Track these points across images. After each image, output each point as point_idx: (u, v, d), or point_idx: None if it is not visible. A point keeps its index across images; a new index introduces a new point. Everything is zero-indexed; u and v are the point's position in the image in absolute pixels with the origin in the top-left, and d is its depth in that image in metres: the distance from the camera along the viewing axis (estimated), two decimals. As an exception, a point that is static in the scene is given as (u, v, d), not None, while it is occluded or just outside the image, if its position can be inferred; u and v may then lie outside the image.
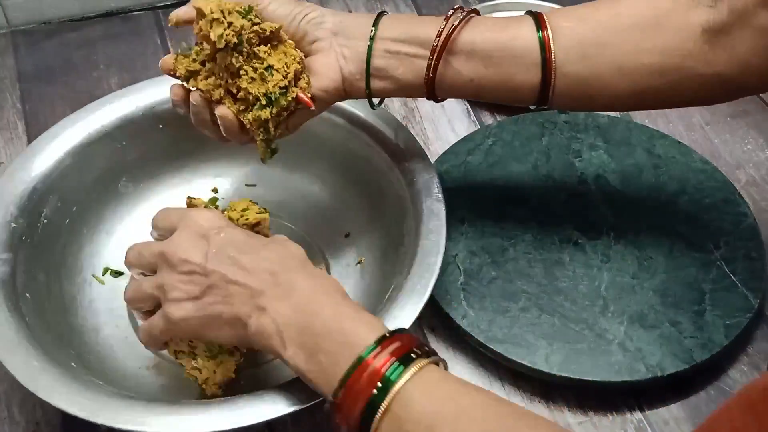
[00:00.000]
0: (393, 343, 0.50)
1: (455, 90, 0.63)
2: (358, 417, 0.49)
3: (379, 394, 0.48)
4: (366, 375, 0.49)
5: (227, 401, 0.57)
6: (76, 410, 0.55)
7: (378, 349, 0.50)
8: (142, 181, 0.75)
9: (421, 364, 0.49)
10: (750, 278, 0.70)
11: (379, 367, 0.49)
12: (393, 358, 0.49)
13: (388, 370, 0.49)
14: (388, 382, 0.48)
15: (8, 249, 0.64)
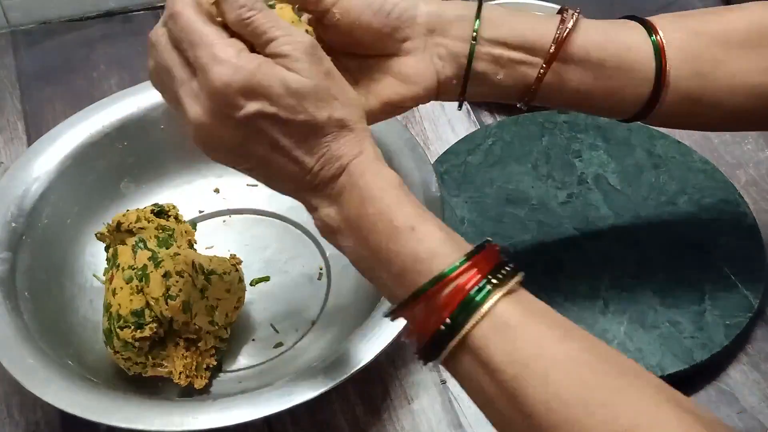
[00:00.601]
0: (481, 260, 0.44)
1: (555, 99, 0.58)
2: (429, 336, 0.44)
3: (459, 316, 0.43)
4: (447, 292, 0.43)
5: (227, 399, 0.57)
6: (71, 407, 0.55)
7: (467, 265, 0.44)
8: (144, 181, 0.75)
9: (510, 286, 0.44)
10: (750, 278, 0.70)
11: (463, 284, 0.43)
12: (479, 275, 0.44)
13: (473, 289, 0.43)
14: (472, 304, 0.43)
15: (8, 248, 0.65)
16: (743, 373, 0.68)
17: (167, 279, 0.61)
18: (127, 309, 0.60)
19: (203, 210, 0.76)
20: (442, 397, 0.67)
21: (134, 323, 0.60)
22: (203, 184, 0.77)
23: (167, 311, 0.60)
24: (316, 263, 0.73)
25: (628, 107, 0.59)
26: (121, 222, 0.64)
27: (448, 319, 0.43)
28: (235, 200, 0.77)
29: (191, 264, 0.63)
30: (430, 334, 0.44)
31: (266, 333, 0.69)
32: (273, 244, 0.74)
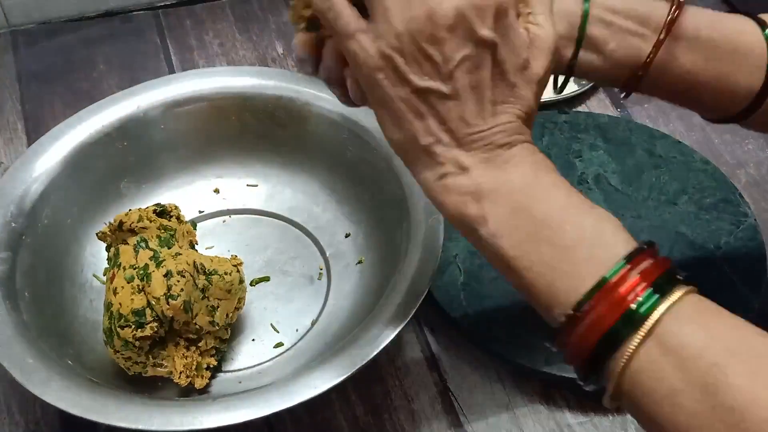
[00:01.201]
0: (644, 261, 0.41)
1: (662, 82, 0.55)
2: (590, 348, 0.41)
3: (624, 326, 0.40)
4: (609, 300, 0.40)
5: (227, 399, 0.57)
6: (70, 407, 0.55)
7: (627, 268, 0.41)
8: (144, 181, 0.75)
9: (682, 292, 0.40)
10: (750, 278, 0.70)
11: (625, 293, 0.40)
12: (645, 283, 0.40)
13: (640, 296, 0.40)
14: (637, 314, 0.40)
15: (8, 248, 0.65)
16: (743, 373, 0.68)
17: (169, 278, 0.61)
18: (128, 308, 0.60)
19: (203, 210, 0.76)
20: (442, 397, 0.67)
21: (135, 322, 0.60)
22: (203, 184, 0.77)
23: (168, 311, 0.60)
24: (316, 263, 0.73)
25: (737, 98, 0.56)
26: (123, 221, 0.64)
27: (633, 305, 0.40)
28: (235, 200, 0.77)
29: (193, 264, 0.63)
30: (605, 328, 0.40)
31: (266, 333, 0.69)
32: (273, 245, 0.74)
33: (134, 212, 0.64)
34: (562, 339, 0.43)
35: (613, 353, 0.40)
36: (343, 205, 0.75)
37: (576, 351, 0.42)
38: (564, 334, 0.42)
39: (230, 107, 0.76)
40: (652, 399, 0.40)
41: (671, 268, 0.42)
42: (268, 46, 0.95)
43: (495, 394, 0.66)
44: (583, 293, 0.41)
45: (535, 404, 0.66)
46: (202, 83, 0.76)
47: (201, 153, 0.77)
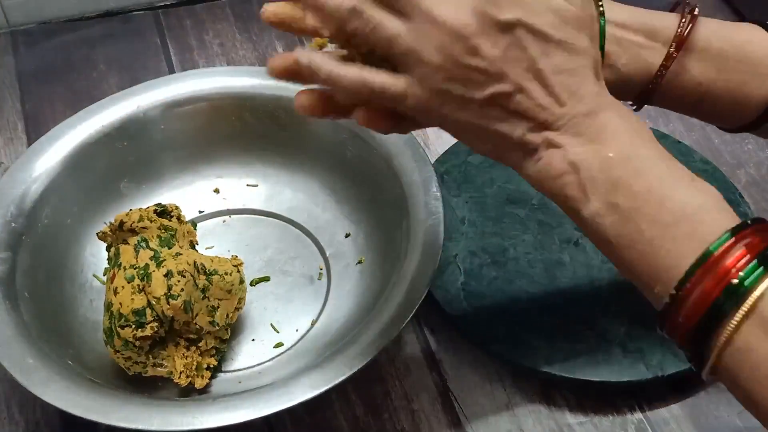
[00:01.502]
0: (749, 236, 0.40)
1: (674, 94, 0.55)
2: (694, 324, 0.40)
3: (727, 299, 0.39)
4: (712, 274, 0.40)
5: (227, 399, 0.57)
6: (70, 407, 0.55)
7: (731, 241, 0.40)
8: (144, 181, 0.75)
9: None
10: (750, 278, 0.70)
11: (730, 266, 0.39)
12: (749, 255, 0.39)
13: (743, 270, 0.39)
14: (741, 287, 0.39)
15: (7, 248, 0.65)
16: (744, 373, 0.68)
17: (169, 278, 0.61)
18: (128, 308, 0.60)
19: (203, 210, 0.76)
20: (442, 397, 0.67)
21: (135, 322, 0.60)
22: (203, 184, 0.77)
23: (168, 310, 0.60)
24: (316, 263, 0.73)
25: (750, 108, 0.55)
26: (124, 221, 0.64)
27: (735, 280, 0.39)
28: (235, 200, 0.77)
29: (193, 264, 0.63)
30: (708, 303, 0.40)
31: (266, 333, 0.69)
32: (273, 245, 0.74)
33: (135, 212, 0.64)
34: (664, 318, 0.42)
35: (715, 328, 0.40)
36: (343, 205, 0.75)
37: (679, 328, 0.41)
38: (667, 313, 0.42)
39: (230, 107, 0.76)
40: (752, 376, 0.40)
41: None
42: (268, 46, 0.95)
43: (495, 394, 0.66)
44: (686, 270, 0.41)
45: (535, 404, 0.66)
46: (203, 83, 0.76)
47: (201, 153, 0.77)
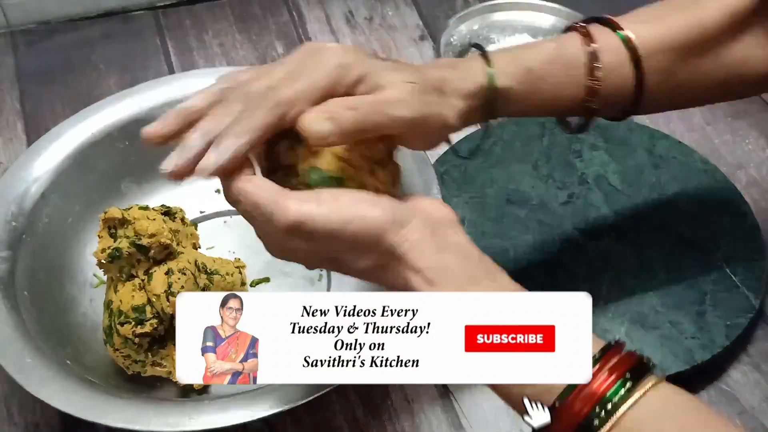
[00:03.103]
0: (613, 357, 0.44)
1: None
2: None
3: (596, 418, 0.43)
4: (582, 395, 0.43)
5: (226, 399, 0.57)
6: (69, 407, 0.55)
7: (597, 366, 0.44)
8: (145, 181, 0.75)
9: (651, 383, 0.43)
10: (751, 278, 0.70)
11: (597, 387, 0.43)
12: (613, 376, 0.44)
13: (609, 390, 0.43)
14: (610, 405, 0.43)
15: (8, 247, 0.65)
16: (744, 374, 0.68)
17: (170, 276, 0.61)
18: (128, 305, 0.60)
19: (204, 210, 0.76)
20: (442, 397, 0.66)
21: (135, 319, 0.60)
22: (204, 184, 0.77)
23: (168, 308, 0.60)
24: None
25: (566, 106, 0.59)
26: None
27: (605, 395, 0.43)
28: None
29: (194, 263, 0.63)
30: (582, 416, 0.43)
31: (266, 333, 0.69)
32: (273, 245, 0.74)
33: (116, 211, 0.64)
34: None
35: None
36: (343, 206, 0.75)
37: None
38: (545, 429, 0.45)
39: (231, 107, 0.76)
40: None
41: (639, 360, 0.45)
42: (268, 46, 0.95)
43: (495, 395, 0.66)
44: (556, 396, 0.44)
45: (536, 404, 0.66)
46: (204, 83, 0.75)
47: (201, 153, 0.77)
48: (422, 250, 0.48)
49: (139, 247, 0.61)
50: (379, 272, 0.49)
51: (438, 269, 0.47)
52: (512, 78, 0.56)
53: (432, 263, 0.47)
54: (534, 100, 0.58)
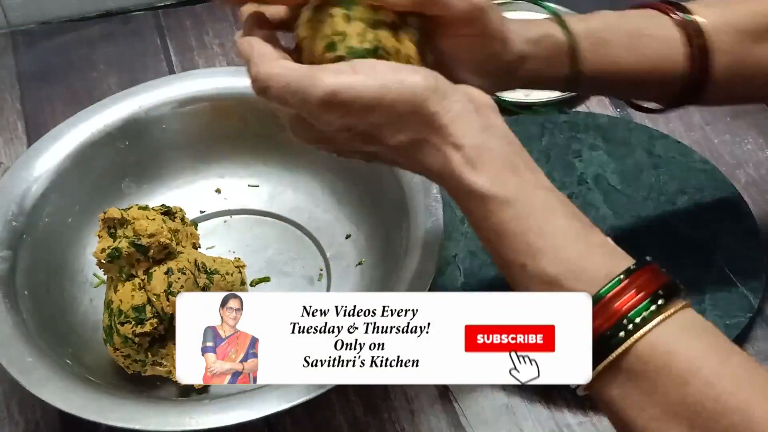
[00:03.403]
0: (640, 278, 0.43)
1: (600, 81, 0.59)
2: None
3: (616, 335, 0.42)
4: (606, 311, 0.43)
5: (226, 399, 0.57)
6: (68, 407, 0.56)
7: (624, 282, 0.43)
8: (145, 181, 0.76)
9: (676, 307, 0.43)
10: (750, 278, 0.70)
11: (621, 305, 0.43)
12: (640, 294, 0.43)
13: (634, 309, 0.42)
14: (632, 325, 0.42)
15: (8, 247, 0.65)
16: (743, 373, 0.68)
17: (169, 275, 0.61)
18: (128, 304, 0.60)
19: (204, 210, 0.76)
20: (442, 397, 0.67)
21: (135, 318, 0.60)
22: (204, 184, 0.77)
23: (168, 307, 0.60)
24: (317, 264, 0.73)
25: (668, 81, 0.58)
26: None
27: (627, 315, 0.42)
28: (236, 201, 0.77)
29: (194, 263, 0.63)
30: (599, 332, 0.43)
31: (266, 333, 0.69)
32: (274, 245, 0.74)
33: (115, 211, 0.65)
34: None
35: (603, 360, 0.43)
36: (343, 206, 0.75)
37: None
38: None
39: (232, 108, 0.76)
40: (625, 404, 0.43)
41: (669, 282, 0.44)
42: (268, 47, 0.95)
43: (495, 394, 0.66)
44: None
45: (535, 404, 0.66)
46: (204, 83, 0.76)
47: (202, 153, 0.77)
48: (465, 125, 0.45)
49: (139, 247, 0.61)
50: (416, 149, 0.46)
51: (480, 148, 0.45)
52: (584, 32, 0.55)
53: (474, 141, 0.45)
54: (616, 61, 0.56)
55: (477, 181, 0.45)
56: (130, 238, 0.61)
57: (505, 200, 0.45)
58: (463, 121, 0.45)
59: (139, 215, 0.62)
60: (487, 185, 0.45)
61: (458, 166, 0.45)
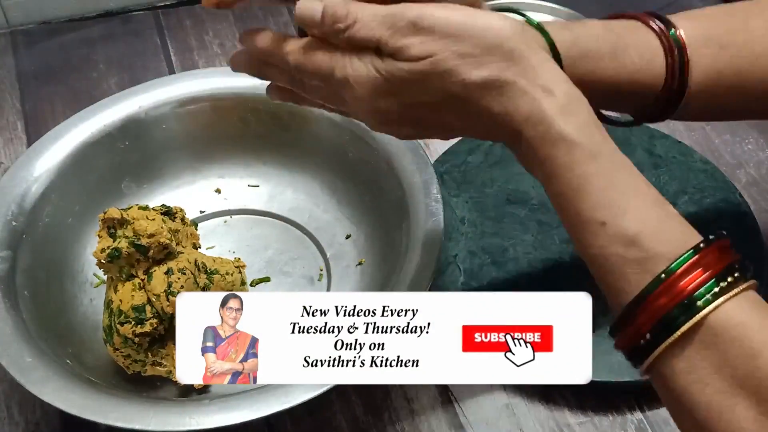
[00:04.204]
0: (709, 255, 0.43)
1: None
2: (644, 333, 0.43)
3: (681, 315, 0.42)
4: (670, 291, 0.42)
5: (226, 399, 0.57)
6: (68, 406, 0.56)
7: (693, 259, 0.42)
8: (145, 181, 0.76)
9: (741, 287, 0.42)
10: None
11: (686, 284, 0.42)
12: (706, 274, 0.42)
13: (700, 289, 0.42)
14: (697, 304, 0.41)
15: (8, 247, 0.65)
16: (744, 374, 0.68)
17: (169, 275, 0.61)
18: (128, 304, 0.60)
19: (204, 210, 0.76)
20: (442, 397, 0.67)
21: (135, 318, 0.60)
22: (204, 184, 0.77)
23: (168, 307, 0.60)
24: (317, 264, 0.73)
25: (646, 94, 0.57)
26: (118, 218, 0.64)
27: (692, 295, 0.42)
28: (236, 201, 0.77)
29: (194, 263, 0.63)
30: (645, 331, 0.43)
31: (266, 333, 0.69)
32: (274, 245, 0.74)
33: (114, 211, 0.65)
34: (619, 328, 0.44)
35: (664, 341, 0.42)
36: (343, 206, 0.75)
37: (630, 338, 0.44)
38: (621, 324, 0.44)
39: (232, 108, 0.76)
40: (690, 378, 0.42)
41: (734, 261, 0.43)
42: (268, 47, 0.95)
43: (495, 394, 0.66)
44: (645, 285, 0.43)
45: (535, 404, 0.66)
46: (204, 83, 0.76)
47: (203, 153, 0.77)
48: (553, 72, 0.45)
49: (138, 247, 0.61)
50: (498, 90, 0.45)
51: (571, 97, 0.45)
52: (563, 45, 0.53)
53: (565, 89, 0.45)
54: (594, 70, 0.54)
55: (568, 128, 0.44)
56: (130, 238, 0.61)
57: (592, 153, 0.44)
58: (552, 67, 0.45)
59: (139, 215, 0.62)
60: (578, 134, 0.44)
61: (550, 109, 0.44)
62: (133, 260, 0.62)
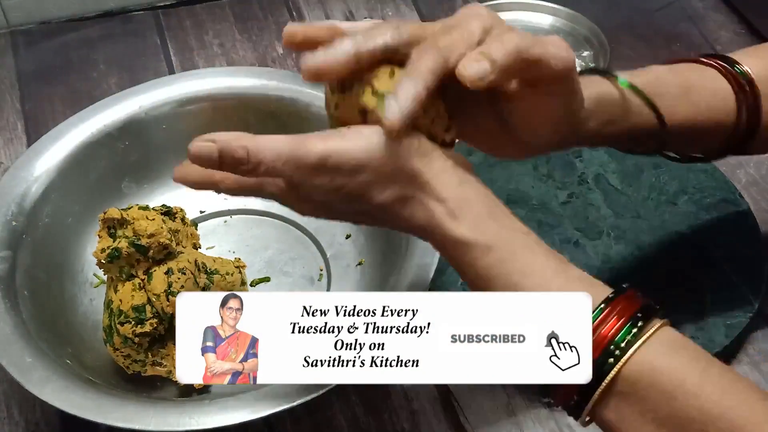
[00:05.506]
0: (619, 304, 0.45)
1: None
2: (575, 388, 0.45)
3: (607, 360, 0.44)
4: (594, 340, 0.45)
5: (226, 399, 0.57)
6: (68, 407, 0.56)
7: (605, 312, 0.45)
8: (145, 181, 0.76)
9: (656, 326, 0.45)
10: (750, 278, 0.70)
11: (605, 332, 0.44)
12: (622, 320, 0.45)
13: (618, 334, 0.44)
14: (618, 350, 0.44)
15: (8, 247, 0.65)
16: (744, 374, 0.68)
17: (169, 275, 0.61)
18: (128, 304, 0.60)
19: (204, 210, 0.76)
20: (442, 397, 0.67)
21: (135, 318, 0.60)
22: (203, 184, 0.77)
23: (168, 307, 0.60)
24: (317, 264, 0.73)
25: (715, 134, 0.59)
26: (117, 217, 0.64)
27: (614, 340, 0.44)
28: (236, 200, 0.77)
29: (194, 263, 0.63)
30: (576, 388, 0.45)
31: (266, 333, 0.69)
32: (273, 245, 0.74)
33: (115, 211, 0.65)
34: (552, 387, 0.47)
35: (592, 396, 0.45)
36: (343, 206, 0.75)
37: (563, 395, 0.46)
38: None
39: (232, 107, 0.76)
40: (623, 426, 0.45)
41: (646, 304, 0.46)
42: (268, 47, 0.95)
43: (495, 394, 0.66)
44: None
45: (535, 404, 0.66)
46: (204, 83, 0.76)
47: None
48: (445, 180, 0.48)
49: (138, 247, 0.61)
50: (402, 205, 0.49)
51: (460, 200, 0.48)
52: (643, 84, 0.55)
53: (455, 194, 0.48)
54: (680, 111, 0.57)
55: (460, 230, 0.47)
56: (130, 238, 0.61)
57: (487, 246, 0.47)
58: (443, 177, 0.48)
59: (139, 215, 0.62)
60: (469, 233, 0.47)
61: (441, 217, 0.48)
62: (133, 260, 0.62)
